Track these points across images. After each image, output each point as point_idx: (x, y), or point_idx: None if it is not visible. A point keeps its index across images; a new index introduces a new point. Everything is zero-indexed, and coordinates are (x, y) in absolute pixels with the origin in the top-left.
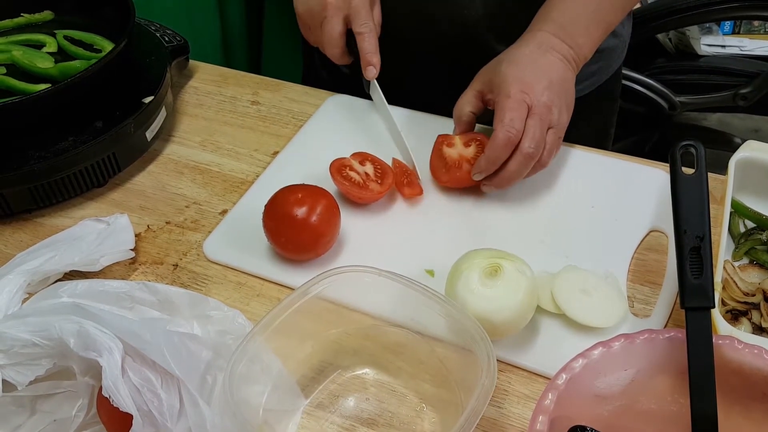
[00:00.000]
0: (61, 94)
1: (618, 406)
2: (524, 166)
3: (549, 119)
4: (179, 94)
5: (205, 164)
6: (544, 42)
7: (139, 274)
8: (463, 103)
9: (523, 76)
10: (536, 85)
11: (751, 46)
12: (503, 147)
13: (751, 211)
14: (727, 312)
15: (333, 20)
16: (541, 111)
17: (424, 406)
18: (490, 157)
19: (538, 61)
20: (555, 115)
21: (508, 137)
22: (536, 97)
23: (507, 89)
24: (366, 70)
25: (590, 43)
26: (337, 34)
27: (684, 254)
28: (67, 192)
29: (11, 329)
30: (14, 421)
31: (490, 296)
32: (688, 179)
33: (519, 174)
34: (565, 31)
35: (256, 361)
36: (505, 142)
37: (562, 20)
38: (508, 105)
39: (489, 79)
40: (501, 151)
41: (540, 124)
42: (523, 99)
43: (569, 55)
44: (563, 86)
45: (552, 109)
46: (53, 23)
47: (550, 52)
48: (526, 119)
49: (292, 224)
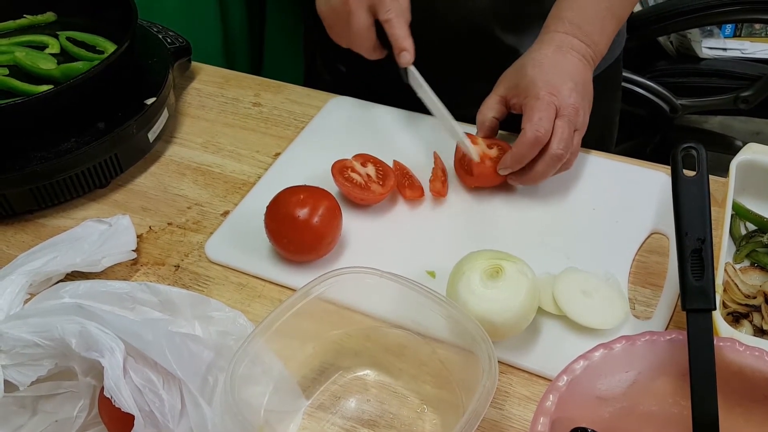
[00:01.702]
0: (63, 96)
1: (619, 408)
2: (551, 167)
3: (576, 121)
4: (181, 96)
5: (206, 165)
6: (564, 43)
7: (140, 275)
8: (486, 109)
9: (550, 79)
10: (563, 87)
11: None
12: (531, 145)
13: (752, 214)
14: (729, 314)
15: (357, 13)
16: (570, 113)
17: (425, 408)
18: (516, 155)
19: (561, 63)
20: (581, 117)
21: (537, 136)
22: (564, 100)
23: (535, 92)
24: (399, 57)
25: (605, 39)
26: (364, 27)
27: (685, 256)
28: (69, 193)
29: (13, 330)
30: (16, 421)
31: (492, 298)
32: (690, 181)
33: (545, 174)
34: (582, 30)
35: (258, 362)
36: (533, 140)
37: (578, 20)
38: (536, 106)
39: (514, 83)
40: (528, 150)
41: (569, 125)
42: (551, 101)
43: (588, 54)
44: (586, 87)
45: (579, 111)
46: (56, 24)
47: (570, 53)
48: (554, 120)
49: (293, 225)
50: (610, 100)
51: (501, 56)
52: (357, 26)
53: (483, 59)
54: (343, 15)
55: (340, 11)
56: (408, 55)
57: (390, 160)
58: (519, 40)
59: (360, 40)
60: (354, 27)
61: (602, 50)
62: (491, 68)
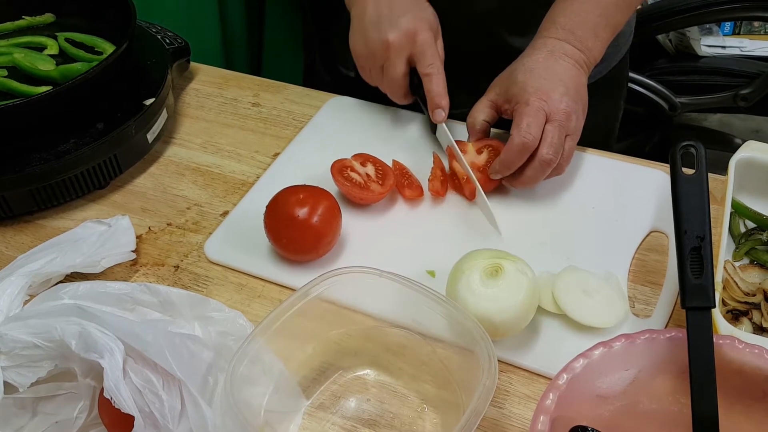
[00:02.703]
0: (62, 97)
1: (619, 406)
2: (541, 173)
3: (567, 126)
4: (180, 96)
5: (206, 166)
6: (556, 48)
7: (140, 276)
8: (477, 112)
9: (541, 85)
10: (553, 92)
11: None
12: (518, 152)
13: (751, 212)
14: (728, 312)
15: (396, 62)
16: (561, 118)
17: (425, 407)
18: (504, 161)
19: (553, 68)
20: (573, 122)
21: (524, 142)
22: (554, 105)
23: (525, 97)
24: (434, 114)
25: (599, 45)
26: (400, 77)
27: (684, 254)
28: (69, 194)
29: (13, 331)
30: (16, 422)
31: (491, 297)
32: (689, 179)
33: (535, 179)
34: (575, 36)
35: (258, 362)
36: (520, 147)
37: (570, 25)
38: (525, 112)
39: (505, 89)
40: (515, 156)
41: (559, 130)
42: (541, 107)
43: (581, 60)
44: (579, 92)
45: (571, 116)
46: (54, 26)
47: (562, 58)
48: (544, 126)
49: (293, 225)
50: (617, 98)
51: (506, 57)
52: (393, 74)
53: (489, 60)
54: (380, 60)
55: (378, 56)
56: (443, 113)
57: (389, 160)
58: (524, 41)
59: (393, 86)
60: (390, 74)
61: (596, 56)
62: (497, 69)
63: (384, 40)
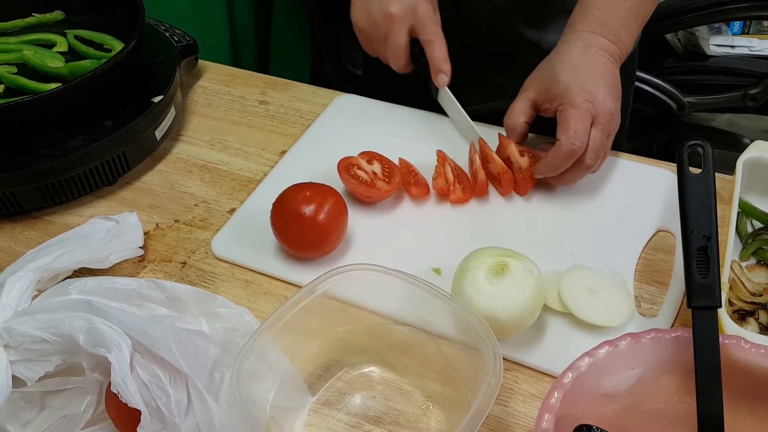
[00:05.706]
0: (71, 93)
1: (624, 405)
2: (581, 174)
3: (610, 127)
4: (188, 94)
5: (213, 163)
6: (592, 42)
7: (147, 272)
8: (516, 113)
9: (585, 84)
10: (598, 93)
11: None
12: (566, 157)
13: (758, 212)
14: (734, 312)
15: (398, 32)
16: (605, 120)
17: (430, 405)
18: (551, 165)
19: (593, 65)
20: (615, 122)
21: (572, 149)
22: (600, 107)
23: (572, 99)
24: (437, 78)
25: (631, 37)
26: (402, 46)
27: (691, 254)
28: (77, 190)
29: (21, 326)
30: (24, 416)
31: (497, 295)
32: (696, 179)
33: (574, 180)
34: (609, 29)
35: (264, 358)
36: (568, 153)
37: (604, 18)
38: (573, 115)
39: (545, 88)
40: (562, 161)
41: (602, 133)
42: (588, 109)
43: (615, 53)
44: (618, 89)
45: (614, 117)
46: (64, 23)
47: (599, 53)
48: (590, 129)
49: (300, 222)
50: (627, 92)
51: (523, 51)
52: (396, 43)
53: (505, 54)
54: (382, 31)
55: (380, 27)
56: (445, 77)
57: (396, 158)
58: (541, 34)
59: (396, 55)
60: (392, 43)
61: (628, 48)
62: (513, 63)
63: (387, 12)
